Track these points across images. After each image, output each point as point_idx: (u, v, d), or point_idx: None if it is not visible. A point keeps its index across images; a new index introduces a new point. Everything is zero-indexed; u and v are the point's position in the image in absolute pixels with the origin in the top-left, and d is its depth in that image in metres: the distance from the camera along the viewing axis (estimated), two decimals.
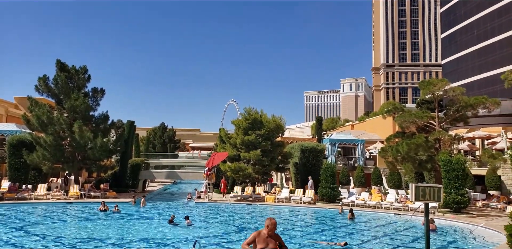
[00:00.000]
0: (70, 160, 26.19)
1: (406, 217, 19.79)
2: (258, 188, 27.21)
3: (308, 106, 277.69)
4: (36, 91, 26.69)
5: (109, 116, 28.44)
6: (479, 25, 58.68)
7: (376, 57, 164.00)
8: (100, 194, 25.21)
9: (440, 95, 23.77)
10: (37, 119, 25.14)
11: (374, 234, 16.09)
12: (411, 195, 8.69)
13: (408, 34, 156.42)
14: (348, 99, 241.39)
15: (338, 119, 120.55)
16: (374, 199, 23.45)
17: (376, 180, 29.76)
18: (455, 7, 65.59)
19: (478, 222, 17.24)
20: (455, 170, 20.13)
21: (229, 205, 23.96)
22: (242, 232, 15.63)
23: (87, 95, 27.46)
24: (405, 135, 24.36)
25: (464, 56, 62.43)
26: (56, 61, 27.07)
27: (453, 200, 19.89)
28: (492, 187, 25.88)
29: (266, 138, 27.17)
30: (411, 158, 22.85)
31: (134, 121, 32.89)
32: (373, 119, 53.45)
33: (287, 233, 15.37)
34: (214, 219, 19.47)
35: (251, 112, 28.28)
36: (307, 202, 24.01)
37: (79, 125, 24.65)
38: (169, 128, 66.17)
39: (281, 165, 28.91)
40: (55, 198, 23.49)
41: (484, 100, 22.59)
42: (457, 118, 23.83)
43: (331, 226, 17.78)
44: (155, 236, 14.42)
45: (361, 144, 33.37)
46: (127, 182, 30.30)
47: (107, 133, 28.57)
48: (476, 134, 32.17)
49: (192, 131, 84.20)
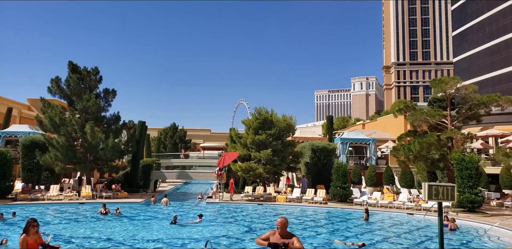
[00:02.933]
0: (82, 161, 26.42)
1: (419, 216, 19.63)
2: (269, 188, 27.25)
3: (318, 105, 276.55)
4: (49, 92, 27.05)
5: (120, 116, 28.70)
6: (491, 23, 57.77)
7: (387, 55, 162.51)
8: (112, 194, 25.36)
9: (452, 93, 23.52)
10: (49, 120, 25.48)
11: (387, 234, 16.00)
12: (424, 194, 8.62)
13: (419, 32, 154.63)
14: (359, 98, 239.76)
15: (349, 118, 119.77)
16: (386, 198, 23.31)
17: (388, 180, 29.56)
18: (467, 5, 64.68)
19: (493, 221, 17.02)
20: (468, 169, 19.90)
21: (240, 205, 24.03)
22: (253, 232, 15.68)
23: (98, 96, 27.66)
24: (417, 134, 24.17)
25: (476, 53, 61.51)
26: (68, 62, 27.41)
27: (467, 200, 19.67)
28: (507, 186, 25.53)
29: (277, 137, 27.17)
30: (423, 157, 22.66)
31: (145, 121, 32.97)
32: (384, 118, 53.05)
33: (298, 233, 15.38)
34: (225, 219, 19.54)
35: (262, 111, 28.30)
36: (319, 202, 23.98)
37: (91, 126, 24.86)
38: (180, 128, 66.52)
39: (292, 164, 28.89)
40: (68, 199, 23.72)
41: (497, 98, 22.30)
42: (469, 116, 23.56)
43: (343, 226, 17.73)
44: (164, 236, 14.47)
45: (372, 143, 33.17)
46: (138, 183, 30.47)
47: (118, 133, 28.74)
48: (489, 133, 31.73)
49: (203, 131, 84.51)
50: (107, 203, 22.37)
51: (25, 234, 6.80)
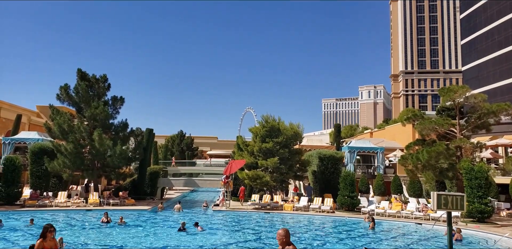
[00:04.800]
0: (90, 168, 26.53)
1: (428, 226, 19.38)
2: (276, 196, 27.14)
3: (326, 113, 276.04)
4: (58, 99, 27.29)
5: (128, 124, 28.79)
6: (499, 31, 57.55)
7: (395, 64, 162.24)
8: (119, 201, 25.44)
9: (461, 102, 23.40)
10: (58, 127, 25.69)
11: (395, 243, 15.83)
12: (433, 203, 8.55)
13: (427, 41, 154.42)
14: (366, 107, 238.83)
15: (357, 126, 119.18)
16: (394, 208, 23.07)
17: (396, 189, 29.28)
18: (475, 13, 64.58)
19: (503, 232, 16.75)
20: (477, 178, 19.68)
21: (247, 213, 23.96)
22: (259, 240, 15.63)
23: (107, 103, 27.86)
24: (425, 143, 24.00)
25: (485, 62, 61.14)
26: (77, 70, 27.67)
27: (476, 210, 19.41)
28: None
29: (284, 145, 27.13)
30: (432, 166, 22.45)
31: (152, 129, 33.13)
32: (392, 127, 52.71)
33: (304, 242, 15.30)
34: (232, 227, 19.50)
35: (269, 119, 28.33)
36: (326, 211, 23.81)
37: (99, 133, 25.00)
38: (187, 136, 66.81)
39: (299, 173, 28.77)
40: (75, 205, 23.84)
41: (506, 107, 22.14)
42: (479, 125, 23.37)
43: (351, 235, 17.58)
44: (171, 243, 14.52)
45: (380, 152, 32.96)
46: (145, 190, 30.42)
47: (126, 141, 28.84)
48: (499, 142, 31.34)
49: (210, 139, 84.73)
50: (114, 210, 22.58)
51: (41, 239, 6.89)
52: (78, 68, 27.80)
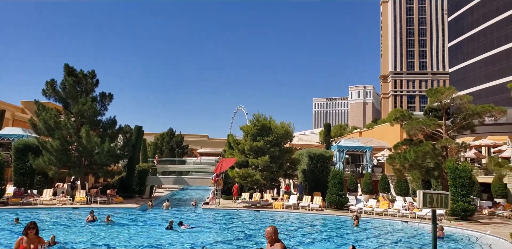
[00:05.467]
0: (77, 165, 26.13)
1: (414, 224, 19.91)
2: (266, 195, 27.44)
3: (316, 112, 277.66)
4: (43, 95, 26.75)
5: (116, 121, 28.43)
6: (485, 35, 58.89)
7: (384, 65, 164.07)
8: (107, 199, 25.12)
9: (448, 103, 23.99)
10: (44, 123, 25.21)
11: (382, 241, 16.27)
12: (419, 201, 8.94)
13: (416, 43, 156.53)
14: (356, 106, 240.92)
15: (346, 126, 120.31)
16: (381, 206, 23.59)
17: (384, 187, 29.85)
18: (462, 16, 65.87)
19: (485, 229, 17.33)
20: (461, 177, 20.27)
21: (237, 211, 24.18)
22: (249, 238, 15.84)
23: (95, 99, 27.39)
24: (413, 143, 24.56)
25: (471, 65, 62.49)
26: (64, 65, 27.12)
27: (460, 208, 20.01)
28: (498, 195, 25.90)
29: (275, 144, 27.45)
30: (419, 165, 23.02)
31: (142, 126, 32.85)
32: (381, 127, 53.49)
33: (294, 239, 15.61)
34: (221, 225, 19.64)
35: (260, 118, 28.59)
36: (315, 209, 24.21)
37: (86, 130, 24.61)
38: (177, 134, 66.64)
39: (289, 171, 29.14)
40: (61, 203, 23.36)
41: (490, 108, 22.78)
42: (464, 126, 24.01)
43: (339, 233, 17.97)
44: (160, 241, 14.54)
45: (368, 151, 33.53)
46: (134, 188, 30.18)
47: (114, 138, 28.44)
48: (482, 142, 32.22)
49: (200, 137, 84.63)
50: (102, 208, 22.26)
51: (23, 236, 6.86)
52: (65, 63, 27.31)
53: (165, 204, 25.06)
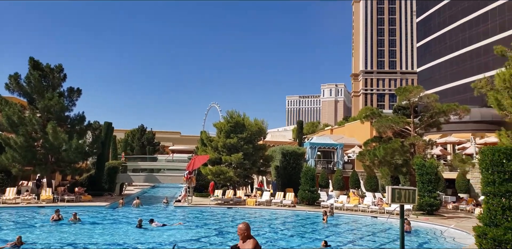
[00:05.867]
0: (43, 162, 25.40)
1: (383, 219, 20.45)
2: (239, 192, 27.42)
3: (289, 110, 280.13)
4: (6, 89, 25.76)
5: (85, 117, 27.83)
6: (451, 36, 61.17)
7: (356, 63, 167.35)
8: (75, 197, 24.55)
9: (416, 101, 24.71)
10: (7, 119, 24.29)
11: (352, 236, 16.62)
12: (388, 197, 9.15)
13: (386, 42, 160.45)
14: (328, 104, 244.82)
15: (318, 123, 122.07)
16: (352, 202, 24.09)
17: (354, 183, 30.49)
18: (430, 18, 68.05)
19: (449, 223, 18.05)
20: (428, 174, 20.98)
21: (209, 208, 24.03)
22: (221, 235, 15.78)
23: (62, 94, 26.67)
24: (382, 140, 25.17)
25: (438, 64, 64.78)
26: (29, 58, 26.13)
27: (426, 203, 20.72)
28: (462, 190, 27.03)
29: (248, 141, 27.43)
30: (388, 162, 23.64)
31: (111, 122, 32.18)
32: (351, 124, 54.61)
33: (266, 235, 15.68)
34: (193, 222, 19.45)
35: (234, 115, 28.48)
36: (287, 205, 24.42)
37: (53, 126, 23.91)
38: (148, 130, 65.42)
39: (262, 168, 29.22)
40: (25, 202, 22.67)
41: (455, 107, 23.66)
42: (430, 124, 24.83)
43: (310, 228, 18.21)
44: (130, 240, 14.27)
45: (339, 148, 34.12)
46: (103, 186, 29.61)
47: (83, 134, 27.82)
48: (448, 140, 33.53)
49: (172, 134, 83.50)
50: (70, 206, 21.71)
51: None
52: (30, 56, 26.22)
53: (135, 202, 24.65)
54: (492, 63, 48.04)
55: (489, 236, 9.45)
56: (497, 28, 50.94)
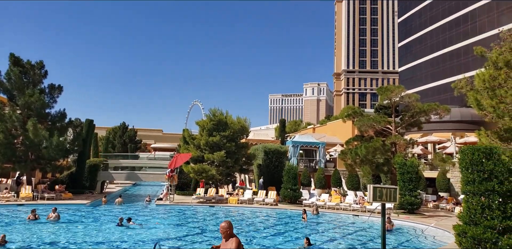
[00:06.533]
0: (23, 160, 25.16)
1: (364, 218, 20.60)
2: (221, 190, 27.20)
3: (272, 108, 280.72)
4: None
5: (66, 114, 27.88)
6: (432, 37, 62.33)
7: (338, 63, 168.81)
8: (55, 195, 24.33)
9: (397, 101, 24.99)
10: None
11: (333, 234, 16.65)
12: (369, 195, 9.14)
13: (368, 42, 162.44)
14: (310, 103, 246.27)
15: (301, 122, 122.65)
16: (333, 200, 24.20)
17: (336, 182, 30.68)
18: (411, 18, 69.15)
19: (429, 222, 18.29)
20: (409, 172, 21.23)
21: (191, 207, 23.78)
22: (203, 234, 15.62)
23: (43, 91, 26.48)
24: (364, 139, 25.38)
25: (418, 65, 65.93)
26: (9, 55, 25.91)
27: (407, 202, 20.97)
28: (442, 189, 27.52)
29: (231, 139, 27.23)
30: (369, 160, 23.83)
31: (93, 120, 31.92)
32: (333, 123, 54.99)
33: (249, 234, 15.56)
34: (175, 221, 19.25)
35: (216, 113, 28.22)
36: (270, 204, 24.35)
37: (33, 123, 23.72)
38: (130, 128, 64.32)
39: (245, 166, 29.07)
40: (4, 200, 22.41)
41: (436, 106, 24.03)
42: (411, 123, 25.16)
43: (292, 226, 18.17)
44: (111, 238, 14.04)
45: (322, 146, 34.28)
46: (84, 183, 29.42)
47: (64, 131, 27.68)
48: (428, 139, 34.09)
49: (154, 132, 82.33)
50: (50, 204, 21.39)
51: None
52: (10, 52, 25.95)
53: (118, 200, 24.47)
54: (472, 64, 49.19)
55: (468, 234, 9.55)
56: (477, 29, 52.13)
